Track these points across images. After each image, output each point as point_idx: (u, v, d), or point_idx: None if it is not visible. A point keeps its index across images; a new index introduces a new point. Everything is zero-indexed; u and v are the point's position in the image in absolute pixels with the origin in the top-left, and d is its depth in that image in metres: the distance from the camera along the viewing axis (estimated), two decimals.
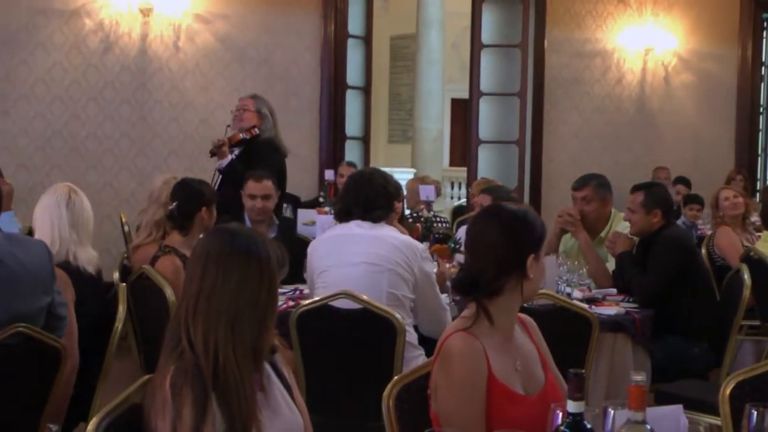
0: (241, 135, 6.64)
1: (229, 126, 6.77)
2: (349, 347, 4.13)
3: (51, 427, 3.59)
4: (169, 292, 4.38)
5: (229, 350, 2.32)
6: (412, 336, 4.21)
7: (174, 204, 4.91)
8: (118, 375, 4.18)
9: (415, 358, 4.10)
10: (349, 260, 4.26)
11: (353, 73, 10.17)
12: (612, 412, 2.19)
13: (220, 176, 6.58)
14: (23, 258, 3.12)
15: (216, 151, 6.60)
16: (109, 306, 4.12)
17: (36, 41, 8.54)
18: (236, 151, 6.62)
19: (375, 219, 4.35)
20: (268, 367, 2.51)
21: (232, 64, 9.38)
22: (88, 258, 4.10)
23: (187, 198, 4.90)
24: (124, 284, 4.29)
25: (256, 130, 6.64)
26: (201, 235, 4.74)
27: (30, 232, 6.54)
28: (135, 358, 4.82)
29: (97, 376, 4.01)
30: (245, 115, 6.70)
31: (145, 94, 9.01)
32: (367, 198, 4.36)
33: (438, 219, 8.36)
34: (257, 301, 2.38)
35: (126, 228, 7.65)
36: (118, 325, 4.04)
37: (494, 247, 2.68)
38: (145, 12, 8.83)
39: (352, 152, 10.22)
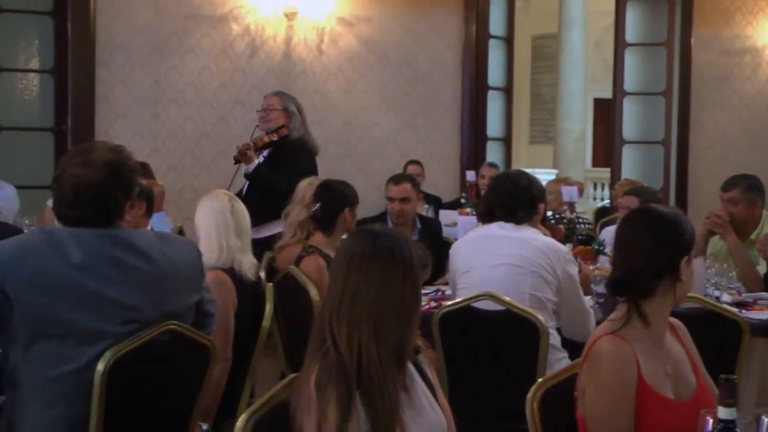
0: (266, 138, 6.31)
1: (257, 126, 6.45)
2: (491, 349, 4.11)
3: (201, 425, 3.70)
4: (313, 292, 4.44)
5: (373, 350, 2.34)
6: (555, 339, 4.16)
7: (317, 205, 4.97)
8: (264, 372, 4.26)
9: (558, 361, 4.06)
10: (492, 262, 4.24)
11: (494, 74, 10.13)
12: (766, 420, 2.12)
13: (247, 182, 6.26)
14: (174, 256, 3.19)
15: (240, 158, 6.26)
16: (260, 306, 4.20)
17: (186, 46, 8.78)
18: (265, 153, 6.34)
19: (518, 220, 4.32)
20: (411, 367, 2.52)
21: (374, 66, 9.46)
22: (249, 264, 4.18)
23: (330, 199, 4.96)
24: (271, 284, 4.36)
25: (285, 130, 6.30)
26: (344, 236, 4.82)
27: (180, 233, 6.76)
28: (280, 356, 4.90)
29: (245, 373, 4.10)
30: (272, 114, 6.35)
31: None
32: (511, 199, 4.34)
33: (581, 220, 8.24)
34: (401, 301, 2.39)
35: None
36: (266, 324, 4.12)
37: (647, 250, 2.66)
38: (290, 16, 8.98)
39: (493, 153, 10.17)
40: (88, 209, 3.00)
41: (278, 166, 6.09)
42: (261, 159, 6.20)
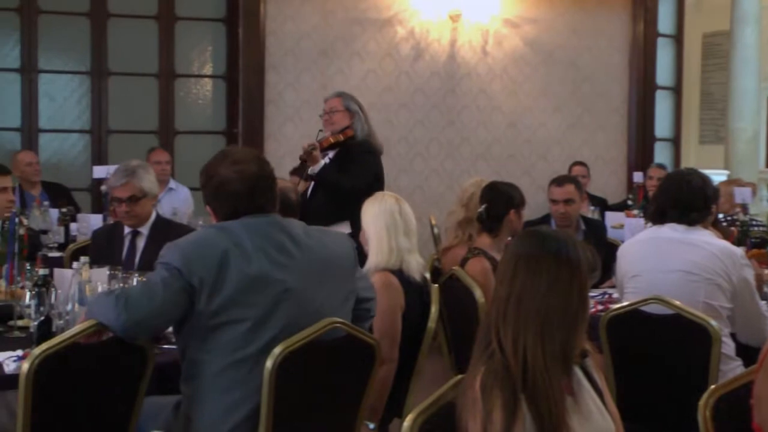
0: (332, 138, 6.18)
1: (321, 130, 6.37)
2: (660, 353, 4.01)
3: (368, 424, 3.74)
4: (478, 294, 4.44)
5: (538, 353, 2.32)
6: (728, 347, 4.03)
7: (483, 206, 4.96)
8: (429, 373, 4.28)
9: (732, 370, 3.93)
10: (664, 267, 4.14)
11: (663, 73, 9.92)
12: None
13: (313, 183, 6.19)
14: (333, 248, 3.31)
15: (306, 157, 6.14)
16: (426, 307, 4.22)
17: (352, 50, 8.91)
18: (330, 155, 6.21)
19: (691, 222, 4.20)
20: (578, 371, 2.49)
21: (539, 67, 9.39)
22: (416, 265, 4.21)
23: (496, 200, 4.94)
24: (436, 285, 4.38)
25: (350, 130, 6.15)
26: (509, 238, 4.80)
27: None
28: (445, 357, 4.92)
29: (410, 373, 4.13)
30: (335, 116, 6.19)
31: (453, 99, 9.19)
32: (684, 200, 4.22)
33: (754, 223, 7.97)
34: (567, 304, 2.37)
35: (435, 230, 7.82)
36: (431, 325, 4.14)
37: None
38: (454, 18, 9.01)
39: (661, 154, 9.96)
40: (261, 199, 3.22)
41: (344, 166, 6.03)
42: (327, 160, 6.13)
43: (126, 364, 3.19)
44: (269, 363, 3.02)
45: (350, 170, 5.94)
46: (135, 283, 3.95)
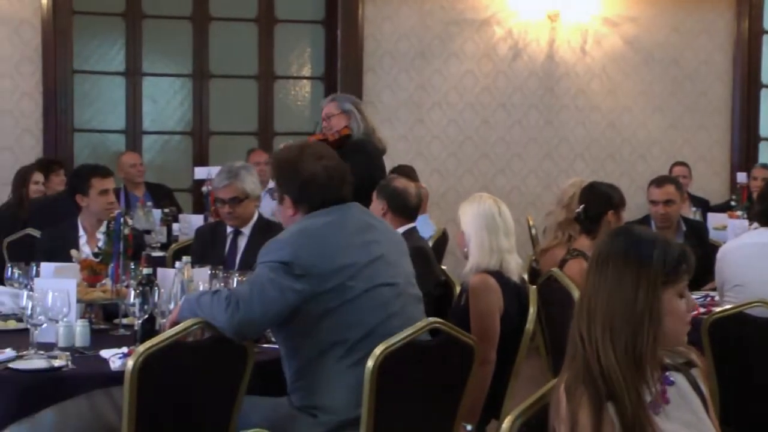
0: (320, 136, 6.06)
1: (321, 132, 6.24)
2: (766, 358, 3.93)
3: (465, 425, 3.74)
4: (576, 295, 4.40)
5: (609, 352, 2.28)
6: None
7: (581, 206, 4.92)
8: (527, 374, 4.26)
9: None
10: None
11: None
12: None
13: None
14: (400, 245, 3.49)
15: None
16: (523, 308, 4.20)
17: (449, 51, 8.90)
18: None
19: None
20: (683, 381, 2.42)
21: (639, 66, 9.25)
22: (515, 265, 4.20)
23: (594, 201, 4.89)
24: (534, 287, 4.36)
25: (347, 130, 6.01)
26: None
27: (443, 235, 6.86)
28: (543, 358, 4.89)
29: (508, 375, 4.12)
30: (333, 121, 6.08)
31: (552, 99, 9.12)
32: None
33: None
34: (632, 304, 2.30)
35: (533, 231, 7.77)
36: (529, 326, 4.12)
37: None
38: (553, 18, 8.94)
39: (766, 154, 9.73)
40: (345, 189, 3.41)
41: None
42: None
43: (227, 362, 3.24)
44: (370, 363, 3.05)
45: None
46: (235, 282, 4.01)
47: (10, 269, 4.26)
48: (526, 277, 4.68)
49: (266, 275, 3.17)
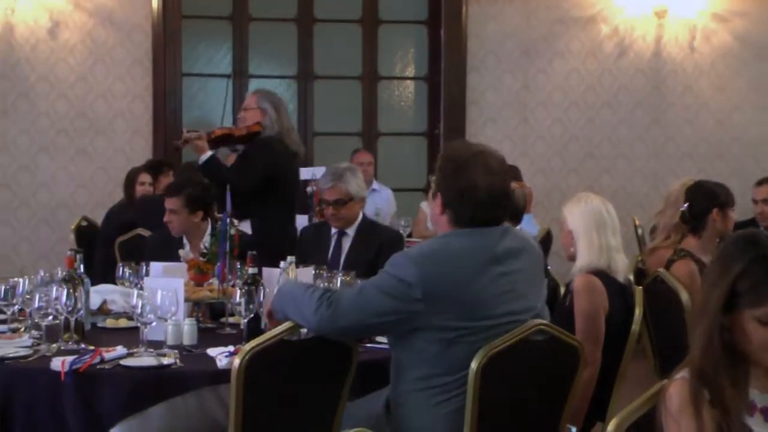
0: (219, 132, 5.90)
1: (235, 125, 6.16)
2: None
3: (570, 427, 3.70)
4: (684, 296, 4.33)
5: (697, 350, 2.24)
6: None
7: (686, 205, 4.83)
8: (633, 376, 4.20)
9: None
10: None
11: None
12: None
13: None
14: (537, 249, 3.37)
15: (178, 144, 5.90)
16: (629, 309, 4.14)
17: (554, 49, 8.83)
18: (240, 149, 5.95)
19: None
20: None
21: (750, 62, 9.04)
22: (623, 265, 4.14)
23: (698, 199, 4.80)
24: (640, 287, 4.29)
25: (257, 126, 5.85)
26: (717, 240, 4.65)
27: (548, 235, 6.82)
28: (649, 360, 4.82)
29: (614, 377, 4.06)
30: (248, 114, 5.94)
31: (658, 97, 8.97)
32: None
33: None
34: (708, 305, 2.26)
35: (639, 231, 7.65)
36: (635, 327, 4.06)
37: None
38: (660, 14, 8.79)
39: None
40: (500, 211, 3.22)
41: (238, 162, 5.87)
42: (217, 152, 5.88)
43: (331, 361, 3.27)
44: (474, 365, 3.04)
45: (239, 166, 5.79)
46: (339, 283, 4.04)
47: (121, 268, 4.37)
48: (632, 277, 4.62)
49: (380, 288, 3.10)
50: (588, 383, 3.86)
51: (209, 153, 5.68)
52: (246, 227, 5.54)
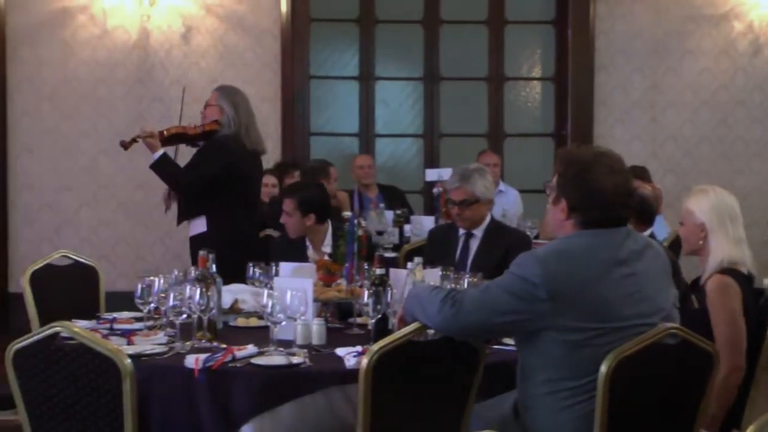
0: (174, 129, 5.83)
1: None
2: None
3: None
4: None
5: None
6: None
7: None
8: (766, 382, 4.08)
9: None
10: None
11: None
12: None
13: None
14: (661, 251, 3.31)
15: (126, 143, 5.75)
16: (763, 312, 4.02)
17: (685, 48, 8.65)
18: (199, 145, 5.90)
19: None
20: None
21: None
22: (750, 260, 4.03)
23: None
24: None
25: (214, 125, 5.78)
26: None
27: (677, 237, 6.67)
28: None
29: (748, 382, 3.95)
30: (207, 111, 5.87)
31: None
32: None
33: None
34: None
35: None
36: None
37: None
38: None
39: None
40: (625, 212, 3.19)
41: (192, 160, 5.79)
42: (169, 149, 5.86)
43: (458, 362, 3.27)
44: (603, 368, 3.00)
45: (190, 165, 5.73)
46: (466, 284, 4.03)
47: (251, 268, 4.45)
48: (766, 281, 4.49)
49: (505, 287, 3.09)
50: (730, 390, 3.77)
51: (161, 151, 5.69)
52: (201, 225, 5.64)
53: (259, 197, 6.09)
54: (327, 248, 4.97)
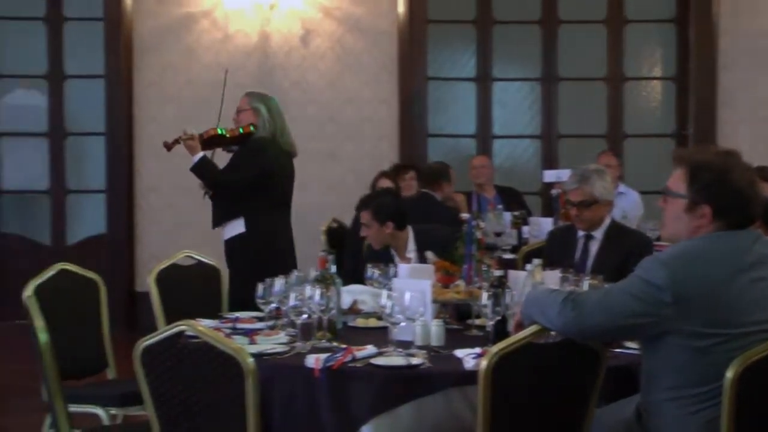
0: (212, 132, 5.95)
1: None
2: None
3: None
4: None
5: None
6: None
7: None
8: None
9: None
10: None
11: None
12: None
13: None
14: None
15: (169, 145, 6.00)
16: None
17: None
18: (235, 149, 6.00)
19: None
20: None
21: None
22: None
23: None
24: None
25: (248, 128, 5.90)
26: None
27: None
28: None
29: None
30: (241, 116, 5.98)
31: None
32: None
33: None
34: None
35: None
36: None
37: None
38: None
39: None
40: (758, 210, 3.14)
41: (231, 163, 5.95)
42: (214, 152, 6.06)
43: (578, 366, 3.23)
44: (729, 374, 2.94)
45: (229, 167, 5.88)
46: (586, 286, 3.99)
47: (370, 269, 4.48)
48: None
49: (628, 290, 3.04)
50: None
51: (201, 154, 5.86)
52: (239, 226, 5.77)
53: (291, 197, 6.20)
54: (411, 254, 5.03)
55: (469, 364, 3.37)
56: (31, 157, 9.07)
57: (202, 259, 5.04)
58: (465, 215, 5.67)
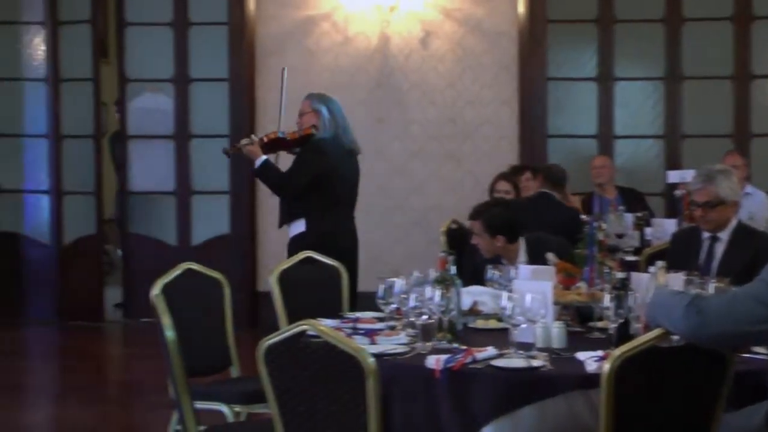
0: (273, 135, 6.01)
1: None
2: None
3: None
4: None
5: None
6: None
7: None
8: None
9: None
10: None
11: None
12: None
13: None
14: None
15: (228, 151, 6.30)
16: None
17: None
18: (297, 151, 6.10)
19: None
20: None
21: None
22: None
23: None
24: None
25: (309, 129, 5.97)
26: None
27: None
28: None
29: None
30: (304, 119, 6.06)
31: None
32: None
33: None
34: None
35: None
36: None
37: None
38: None
39: None
40: None
41: (292, 165, 5.99)
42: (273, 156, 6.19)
43: (704, 371, 3.17)
44: None
45: (291, 169, 5.92)
46: (711, 289, 3.90)
47: (490, 271, 4.47)
48: None
49: (754, 295, 2.96)
50: None
51: (263, 158, 6.00)
52: (301, 225, 5.90)
53: (356, 196, 6.29)
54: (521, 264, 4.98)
55: (591, 367, 3.34)
56: (157, 159, 9.30)
57: (323, 260, 5.10)
58: (585, 217, 5.61)
